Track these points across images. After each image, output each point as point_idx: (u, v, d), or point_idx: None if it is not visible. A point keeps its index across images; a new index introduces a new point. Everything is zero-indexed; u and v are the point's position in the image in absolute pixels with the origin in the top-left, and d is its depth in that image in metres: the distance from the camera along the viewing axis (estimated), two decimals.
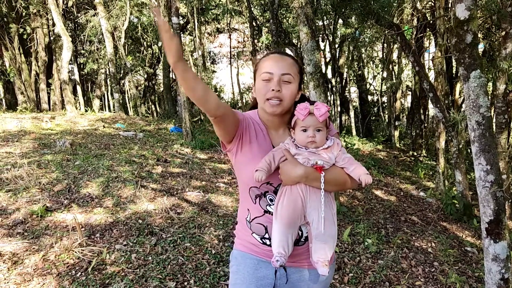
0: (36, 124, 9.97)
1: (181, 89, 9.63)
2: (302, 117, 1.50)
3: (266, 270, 1.64)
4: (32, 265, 3.33)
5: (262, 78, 1.54)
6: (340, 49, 15.15)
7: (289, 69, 1.53)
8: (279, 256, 1.50)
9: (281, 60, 1.55)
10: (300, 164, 1.50)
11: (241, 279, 1.66)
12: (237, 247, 1.73)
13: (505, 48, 5.35)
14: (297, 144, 1.54)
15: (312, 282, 1.68)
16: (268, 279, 1.64)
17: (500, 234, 3.17)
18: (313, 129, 1.50)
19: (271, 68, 1.53)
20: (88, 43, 16.43)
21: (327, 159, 1.52)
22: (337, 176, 1.53)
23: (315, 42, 5.31)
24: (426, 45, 12.52)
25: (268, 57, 1.58)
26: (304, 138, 1.51)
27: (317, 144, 1.52)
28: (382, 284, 3.68)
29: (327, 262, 1.54)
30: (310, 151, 1.52)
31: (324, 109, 1.49)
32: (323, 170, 1.50)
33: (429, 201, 7.20)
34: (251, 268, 1.65)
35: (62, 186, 5.27)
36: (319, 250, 1.54)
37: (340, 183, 1.55)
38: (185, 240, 4.13)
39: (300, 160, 1.51)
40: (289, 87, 1.53)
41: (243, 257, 1.68)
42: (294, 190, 1.51)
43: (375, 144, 13.06)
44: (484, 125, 3.11)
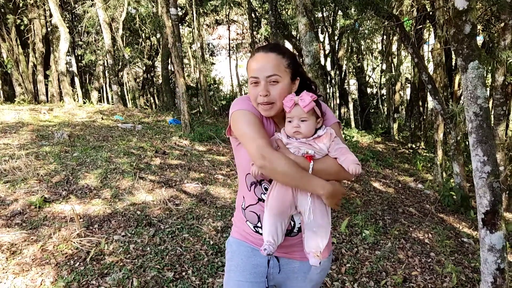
0: (34, 116, 9.95)
1: (179, 80, 9.61)
2: (287, 109, 1.50)
3: (259, 258, 1.65)
4: (31, 255, 3.35)
5: (250, 81, 1.54)
6: (339, 41, 15.10)
7: (274, 68, 1.50)
8: (267, 245, 1.51)
9: (266, 60, 1.51)
10: (290, 153, 1.50)
11: (235, 265, 1.68)
12: (233, 234, 1.76)
13: (504, 39, 5.34)
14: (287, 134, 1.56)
15: (305, 274, 1.69)
16: (261, 267, 1.65)
17: (496, 225, 3.19)
18: (297, 119, 1.50)
19: (256, 72, 1.51)
20: (85, 34, 16.34)
21: (318, 149, 1.52)
22: (328, 166, 1.52)
23: (313, 33, 5.29)
24: (426, 37, 12.48)
25: (254, 57, 1.55)
26: (289, 129, 1.52)
27: (303, 134, 1.51)
28: (379, 274, 3.71)
29: (319, 253, 1.55)
30: (301, 141, 1.52)
31: (308, 100, 1.48)
32: (313, 159, 1.50)
33: (427, 193, 7.23)
34: (245, 255, 1.67)
35: (60, 178, 5.27)
36: (311, 240, 1.55)
37: (332, 173, 1.52)
38: (183, 231, 4.14)
39: (291, 149, 1.52)
40: (278, 87, 1.51)
41: (238, 245, 1.71)
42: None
43: (374, 136, 13.07)
44: (482, 116, 3.11)
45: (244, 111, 1.55)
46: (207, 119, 12.94)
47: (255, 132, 1.48)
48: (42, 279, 3.02)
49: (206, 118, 13.24)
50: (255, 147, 1.44)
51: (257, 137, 1.46)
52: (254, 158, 1.45)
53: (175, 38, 9.56)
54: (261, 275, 1.65)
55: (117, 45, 15.07)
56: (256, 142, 1.45)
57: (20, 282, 2.96)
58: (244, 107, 1.57)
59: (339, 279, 3.52)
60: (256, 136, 1.47)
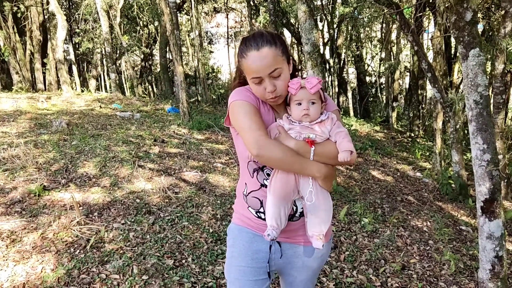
0: (32, 104, 9.90)
1: (178, 69, 9.56)
2: (294, 91, 1.50)
3: (261, 244, 1.66)
4: (31, 243, 3.35)
5: (252, 81, 1.52)
6: (339, 29, 15.00)
7: (273, 62, 1.48)
8: (271, 229, 1.52)
9: (263, 58, 1.47)
10: (291, 138, 1.50)
11: (237, 252, 1.68)
12: (234, 221, 1.76)
13: (504, 27, 5.31)
14: (291, 120, 1.55)
15: (307, 257, 1.70)
16: (263, 253, 1.66)
17: (495, 213, 3.20)
18: (306, 101, 1.51)
19: (257, 72, 1.49)
20: (83, 22, 16.19)
21: (320, 133, 1.52)
22: (329, 150, 1.52)
23: (313, 20, 5.25)
24: (426, 24, 12.40)
25: (248, 57, 1.50)
26: (298, 111, 1.52)
27: (311, 117, 1.52)
28: (377, 262, 3.73)
29: (322, 236, 1.56)
30: (303, 125, 1.52)
31: (315, 81, 1.49)
32: (315, 143, 1.50)
33: (426, 181, 7.25)
34: (246, 241, 1.67)
35: (59, 166, 5.26)
36: (313, 224, 1.56)
37: (332, 157, 1.52)
38: (183, 219, 4.15)
39: (293, 134, 1.51)
40: (281, 79, 1.51)
41: (239, 231, 1.71)
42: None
43: (373, 125, 13.07)
44: (482, 104, 3.10)
45: (242, 101, 1.55)
46: (206, 108, 12.91)
47: (251, 122, 1.50)
48: (43, 266, 3.03)
49: (204, 106, 13.21)
50: (252, 138, 1.47)
51: (254, 128, 1.48)
52: (250, 148, 1.47)
53: (173, 26, 9.48)
54: (262, 261, 1.66)
55: (115, 33, 14.96)
56: (252, 133, 1.47)
57: (21, 270, 2.97)
58: (243, 98, 1.57)
59: (338, 267, 3.54)
60: (252, 127, 1.49)
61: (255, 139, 1.46)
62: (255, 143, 1.45)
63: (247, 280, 1.65)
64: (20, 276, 2.90)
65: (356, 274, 3.46)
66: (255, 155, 1.47)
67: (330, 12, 14.23)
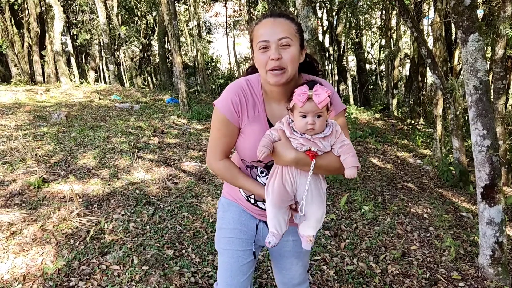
0: (30, 97, 9.87)
1: (176, 59, 9.50)
2: (300, 103, 1.40)
3: (249, 220, 1.74)
4: (31, 235, 3.36)
5: (258, 47, 1.44)
6: (338, 17, 14.87)
7: (285, 31, 1.42)
8: (272, 236, 1.55)
9: (276, 24, 1.43)
10: (292, 149, 1.45)
11: (226, 223, 1.77)
12: (225, 195, 1.83)
13: (504, 12, 5.25)
14: (292, 128, 1.47)
15: (293, 238, 1.76)
16: (250, 228, 1.75)
17: (495, 198, 3.20)
18: (312, 115, 1.41)
19: (266, 36, 1.42)
20: (80, 13, 16.07)
21: (322, 147, 1.46)
22: (329, 163, 1.48)
23: (311, 8, 5.19)
24: (425, 10, 12.29)
25: (261, 23, 1.47)
26: (303, 124, 1.43)
27: (316, 131, 1.44)
28: (378, 249, 3.73)
29: (312, 238, 1.59)
30: (306, 137, 1.45)
31: (323, 96, 1.39)
32: (316, 156, 1.45)
33: (426, 168, 7.23)
34: (236, 214, 1.75)
35: (58, 158, 5.25)
36: (306, 226, 1.58)
37: (332, 170, 1.51)
38: (183, 209, 4.15)
39: (294, 144, 1.45)
40: (289, 51, 1.42)
41: (229, 204, 1.79)
42: (284, 173, 1.50)
43: (373, 113, 13.02)
44: (482, 90, 3.08)
45: (220, 113, 1.53)
46: (205, 98, 12.86)
47: (216, 139, 1.59)
48: (43, 258, 3.04)
49: (204, 96, 13.16)
50: (208, 155, 1.64)
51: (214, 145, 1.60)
52: (207, 155, 1.65)
53: (171, 16, 9.40)
54: (250, 235, 1.75)
55: (113, 23, 14.84)
56: (209, 150, 1.63)
57: (21, 262, 2.97)
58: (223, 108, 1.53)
59: (338, 255, 3.55)
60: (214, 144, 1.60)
61: (208, 154, 1.64)
62: (208, 155, 1.64)
63: (235, 250, 1.73)
64: (20, 268, 2.90)
65: (356, 261, 3.46)
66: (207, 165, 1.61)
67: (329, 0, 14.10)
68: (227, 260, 1.75)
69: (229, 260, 1.74)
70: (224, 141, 1.57)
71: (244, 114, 1.54)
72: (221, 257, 1.79)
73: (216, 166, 1.60)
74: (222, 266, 1.78)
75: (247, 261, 1.74)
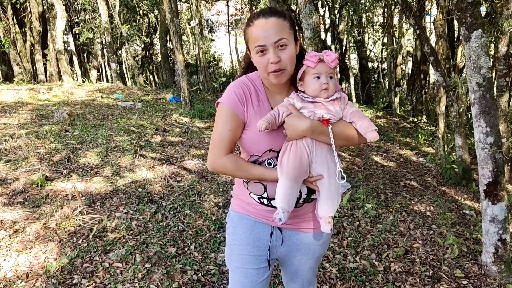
0: (33, 96, 9.90)
1: (178, 57, 9.50)
2: (313, 64, 1.44)
3: (262, 231, 1.63)
4: (33, 233, 3.36)
5: (256, 51, 1.44)
6: (340, 15, 14.83)
7: (280, 32, 1.42)
8: (282, 212, 1.47)
9: (270, 26, 1.42)
10: (306, 118, 1.44)
11: (238, 240, 1.66)
12: (234, 208, 1.72)
13: (507, 8, 5.22)
14: (302, 97, 1.48)
15: (308, 245, 1.67)
16: (264, 240, 1.63)
17: (498, 196, 3.18)
18: (326, 75, 1.45)
19: (262, 39, 1.42)
20: (82, 12, 16.08)
21: (334, 112, 1.46)
22: (345, 130, 1.48)
23: (313, 5, 5.17)
24: (428, 7, 12.24)
25: (254, 25, 1.45)
26: (317, 86, 1.46)
27: (329, 92, 1.46)
28: (380, 247, 3.73)
29: (331, 219, 1.53)
30: (316, 102, 1.46)
31: (334, 55, 1.44)
32: (330, 123, 1.45)
33: (429, 166, 7.22)
34: (247, 228, 1.64)
35: (61, 156, 5.26)
36: (324, 204, 1.52)
37: (348, 138, 1.49)
38: (185, 207, 4.15)
39: (306, 113, 1.45)
40: (287, 51, 1.43)
41: (239, 218, 1.68)
42: (300, 145, 1.46)
43: (375, 111, 13.00)
44: (485, 87, 3.06)
45: (224, 105, 1.53)
46: (207, 96, 12.87)
47: (221, 134, 1.53)
48: (46, 256, 3.05)
49: (206, 95, 13.17)
50: (210, 149, 1.57)
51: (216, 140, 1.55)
52: (209, 155, 1.58)
53: (173, 14, 9.40)
54: (263, 248, 1.63)
55: (115, 22, 14.85)
56: (213, 145, 1.56)
57: (24, 259, 2.98)
58: (227, 101, 1.53)
59: (341, 253, 3.54)
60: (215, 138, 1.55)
61: (211, 152, 1.56)
62: (210, 155, 1.56)
63: (248, 269, 1.64)
64: (23, 266, 2.91)
65: (359, 259, 3.45)
66: (209, 168, 1.58)
67: None
68: (240, 280, 1.66)
69: (242, 280, 1.65)
70: (230, 136, 1.52)
71: (249, 104, 1.53)
72: (233, 275, 1.69)
73: (222, 161, 1.53)
74: (235, 285, 1.68)
75: (262, 279, 1.65)
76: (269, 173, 1.52)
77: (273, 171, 1.51)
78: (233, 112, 1.51)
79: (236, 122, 1.52)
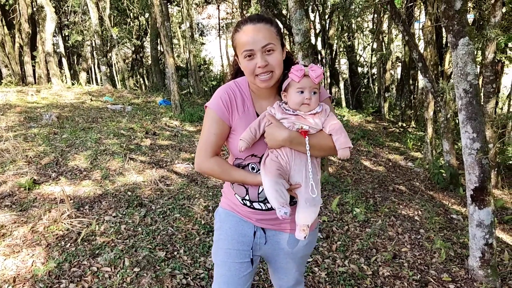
0: (21, 98, 9.80)
1: (169, 61, 9.48)
2: (297, 78, 1.47)
3: (247, 228, 1.69)
4: (21, 236, 3.33)
5: (244, 55, 1.49)
6: (330, 20, 14.95)
7: (268, 37, 1.47)
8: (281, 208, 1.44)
9: (257, 31, 1.47)
10: (285, 128, 1.49)
11: (224, 234, 1.72)
12: (222, 205, 1.80)
13: (494, 16, 5.32)
14: (284, 108, 1.52)
15: (292, 245, 1.71)
16: (248, 237, 1.69)
17: (484, 201, 3.23)
18: (309, 90, 1.48)
19: (250, 44, 1.46)
20: (72, 14, 15.97)
21: (313, 125, 1.50)
22: (322, 141, 1.52)
23: (303, 11, 5.21)
24: (417, 14, 12.40)
25: (242, 31, 1.50)
26: (299, 100, 1.49)
27: (310, 107, 1.50)
28: (369, 251, 3.75)
29: (306, 228, 1.55)
30: (297, 115, 1.50)
31: (319, 71, 1.47)
32: (308, 134, 1.49)
33: (417, 171, 7.29)
34: (233, 224, 1.71)
35: (49, 159, 5.22)
36: (302, 213, 1.54)
37: (325, 149, 1.54)
38: (175, 211, 4.14)
39: (286, 124, 1.50)
40: (274, 55, 1.48)
41: (226, 215, 1.75)
42: (279, 151, 1.52)
43: (365, 115, 13.10)
44: (472, 93, 3.11)
45: (211, 110, 1.58)
46: (198, 100, 12.85)
47: (205, 137, 1.59)
48: (33, 260, 3.01)
49: (196, 98, 13.15)
50: (197, 152, 1.62)
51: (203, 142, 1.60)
52: (196, 157, 1.63)
53: (164, 17, 9.39)
54: (247, 244, 1.69)
55: (105, 25, 14.77)
56: (199, 147, 1.61)
57: (11, 263, 2.95)
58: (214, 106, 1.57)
59: (330, 257, 3.56)
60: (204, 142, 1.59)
61: (198, 154, 1.61)
62: (197, 157, 1.61)
63: (233, 262, 1.69)
64: (10, 270, 2.88)
65: (348, 263, 3.48)
66: (196, 169, 1.62)
67: (322, 3, 14.16)
68: (224, 273, 1.70)
69: (226, 273, 1.69)
70: (215, 140, 1.58)
71: (234, 110, 1.58)
72: (218, 269, 1.73)
73: (208, 163, 1.59)
74: (219, 279, 1.72)
75: (245, 273, 1.69)
76: (250, 177, 1.56)
77: (254, 175, 1.56)
78: (219, 117, 1.57)
79: (221, 127, 1.57)
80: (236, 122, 1.57)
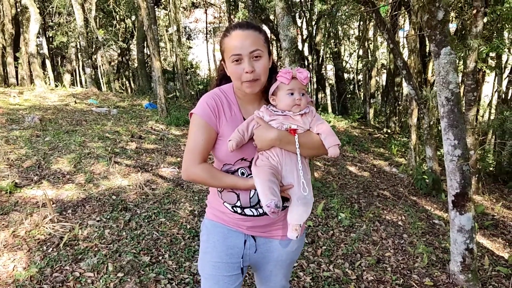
0: (3, 99, 9.64)
1: (155, 64, 9.45)
2: (287, 81, 1.51)
3: (235, 239, 1.66)
4: (2, 241, 3.27)
5: (231, 60, 1.51)
6: (317, 26, 15.09)
7: (256, 44, 1.50)
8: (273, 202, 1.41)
9: (246, 37, 1.50)
10: (273, 128, 1.51)
11: (211, 247, 1.68)
12: (208, 216, 1.76)
13: (476, 26, 5.44)
14: (272, 110, 1.55)
15: (281, 251, 1.71)
16: (237, 248, 1.66)
17: (465, 206, 3.29)
18: (299, 91, 1.53)
19: (238, 49, 1.49)
20: (57, 15, 15.80)
21: (302, 124, 1.54)
22: (311, 140, 1.55)
23: (291, 17, 5.26)
24: (401, 23, 12.60)
25: (231, 36, 1.52)
26: (291, 101, 1.52)
27: (301, 107, 1.54)
28: (353, 256, 3.79)
29: (298, 227, 1.56)
30: (285, 115, 1.54)
31: (306, 73, 1.53)
32: (297, 133, 1.52)
33: (401, 177, 7.39)
34: (221, 236, 1.67)
35: (31, 162, 5.14)
36: (295, 212, 1.55)
37: (314, 147, 1.56)
38: (160, 215, 4.12)
39: (274, 125, 1.53)
40: (261, 62, 1.51)
41: (213, 226, 1.71)
42: (269, 152, 1.54)
43: (351, 121, 13.22)
44: (453, 101, 3.18)
45: (197, 116, 1.57)
46: (184, 104, 12.82)
47: (195, 143, 1.57)
48: (14, 264, 2.96)
49: (183, 102, 13.11)
50: (185, 158, 1.60)
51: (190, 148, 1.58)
52: (183, 164, 1.61)
53: (151, 20, 9.36)
54: (236, 256, 1.66)
55: (90, 26, 14.64)
56: (186, 154, 1.59)
57: None
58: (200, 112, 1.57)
59: (315, 261, 3.58)
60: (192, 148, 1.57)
61: (185, 161, 1.59)
62: (184, 164, 1.59)
63: (221, 276, 1.66)
64: None
65: (332, 268, 3.50)
66: (183, 177, 1.61)
67: (309, 9, 14.29)
68: (212, 286, 1.68)
69: (213, 286, 1.67)
70: (203, 145, 1.57)
71: (221, 115, 1.59)
72: (205, 282, 1.71)
73: (196, 170, 1.57)
74: None
75: (233, 286, 1.68)
76: (241, 181, 1.55)
77: (245, 179, 1.55)
78: (206, 122, 1.56)
79: (209, 132, 1.57)
80: (224, 127, 1.57)
